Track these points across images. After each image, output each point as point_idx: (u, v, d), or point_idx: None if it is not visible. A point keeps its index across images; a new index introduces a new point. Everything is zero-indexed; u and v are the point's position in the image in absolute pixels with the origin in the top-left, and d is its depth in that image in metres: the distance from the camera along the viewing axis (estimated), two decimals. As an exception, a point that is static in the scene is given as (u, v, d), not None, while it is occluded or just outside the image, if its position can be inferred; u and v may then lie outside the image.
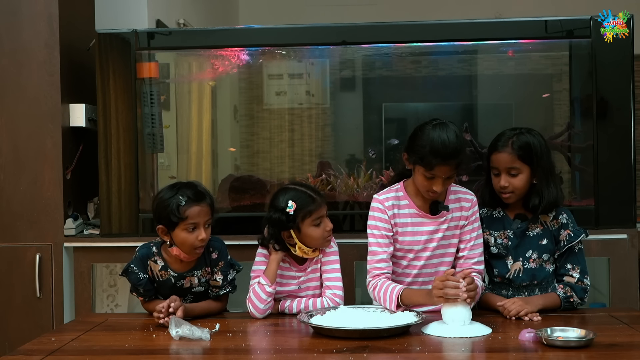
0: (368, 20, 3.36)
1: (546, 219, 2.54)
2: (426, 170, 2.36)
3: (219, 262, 2.51)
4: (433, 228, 2.49)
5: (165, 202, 2.41)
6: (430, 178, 2.38)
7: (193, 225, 2.39)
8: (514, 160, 2.47)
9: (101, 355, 2.04)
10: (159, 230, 2.43)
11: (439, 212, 2.48)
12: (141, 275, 2.46)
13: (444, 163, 2.33)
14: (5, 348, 2.95)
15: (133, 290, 2.51)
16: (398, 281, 2.50)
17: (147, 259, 2.48)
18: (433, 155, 2.32)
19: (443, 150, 2.32)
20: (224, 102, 3.62)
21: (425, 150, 2.34)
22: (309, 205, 2.46)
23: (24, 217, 3.05)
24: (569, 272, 2.51)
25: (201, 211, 2.41)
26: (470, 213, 2.51)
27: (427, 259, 2.50)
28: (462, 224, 2.51)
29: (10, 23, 3.05)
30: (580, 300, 2.49)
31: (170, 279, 2.48)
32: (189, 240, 2.40)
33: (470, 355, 2.03)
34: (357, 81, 3.52)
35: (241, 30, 3.29)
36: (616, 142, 2.91)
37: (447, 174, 2.37)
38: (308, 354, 2.01)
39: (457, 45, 3.12)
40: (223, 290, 2.51)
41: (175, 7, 4.50)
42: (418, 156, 2.38)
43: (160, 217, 2.42)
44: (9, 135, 3.06)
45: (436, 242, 2.50)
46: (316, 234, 2.48)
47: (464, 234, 2.51)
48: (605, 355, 1.95)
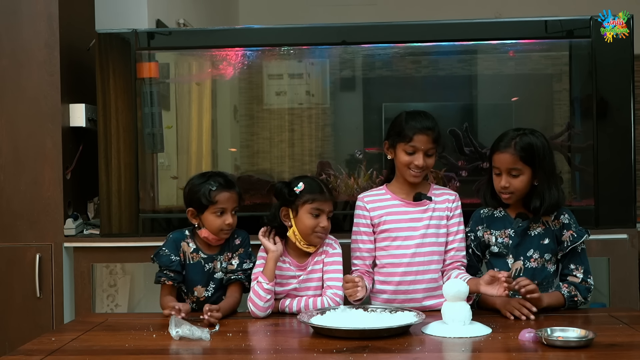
0: (368, 20, 3.36)
1: (548, 218, 2.54)
2: (406, 144, 2.51)
3: (239, 249, 2.63)
4: (416, 216, 2.57)
5: (197, 186, 2.58)
6: (411, 153, 2.51)
7: (221, 210, 2.55)
8: (515, 161, 2.47)
9: (101, 355, 2.05)
10: (189, 212, 2.59)
11: (421, 199, 2.57)
12: (173, 257, 2.57)
13: (422, 132, 2.49)
14: (5, 348, 2.95)
15: (161, 275, 2.57)
16: (391, 273, 2.56)
17: (181, 241, 2.62)
18: (410, 127, 2.50)
19: (419, 121, 2.51)
20: (224, 102, 3.62)
21: (402, 124, 2.53)
22: (314, 194, 2.53)
23: (24, 217, 3.05)
24: (573, 272, 2.53)
25: (230, 197, 2.57)
26: (455, 206, 2.61)
27: (417, 247, 2.54)
28: (446, 215, 2.58)
29: (10, 23, 3.05)
30: (584, 300, 2.50)
31: (201, 261, 2.59)
32: (216, 223, 2.55)
33: (470, 355, 2.03)
34: (357, 81, 3.52)
35: (241, 30, 3.29)
36: (616, 142, 2.91)
37: (426, 145, 2.50)
38: (308, 354, 2.01)
39: (457, 45, 3.12)
40: (235, 275, 2.57)
41: (175, 7, 4.50)
42: (396, 132, 2.54)
43: (192, 200, 2.58)
44: (9, 135, 3.06)
45: (422, 229, 2.55)
46: (309, 224, 2.51)
47: (451, 227, 2.58)
48: (605, 355, 1.95)
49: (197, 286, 2.59)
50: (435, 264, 2.56)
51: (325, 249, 2.59)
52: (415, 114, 2.54)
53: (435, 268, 2.56)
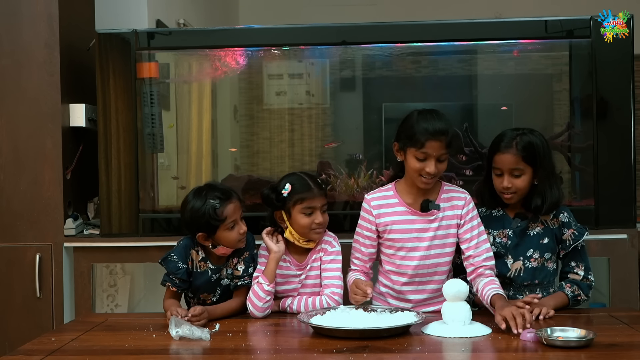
0: (368, 20, 3.35)
1: (546, 217, 2.54)
2: (417, 150, 2.38)
3: (244, 252, 2.58)
4: (423, 226, 2.49)
5: (199, 210, 2.47)
6: (422, 160, 2.39)
7: (233, 223, 2.49)
8: (518, 162, 2.46)
9: (101, 355, 2.05)
10: (199, 237, 2.50)
11: (429, 209, 2.47)
12: (180, 264, 2.53)
13: (434, 138, 2.36)
14: (5, 348, 2.95)
15: (167, 280, 2.54)
16: (395, 280, 2.53)
17: (190, 248, 2.56)
18: (422, 131, 2.37)
19: (432, 124, 2.37)
20: (224, 102, 3.62)
21: (414, 128, 2.39)
22: (303, 192, 2.50)
23: (24, 217, 3.05)
24: (574, 269, 2.53)
25: (235, 207, 2.51)
26: (465, 212, 2.50)
27: (421, 259, 2.49)
28: (455, 223, 2.49)
29: (10, 23, 3.05)
30: (586, 297, 2.51)
31: (208, 271, 2.55)
32: (232, 236, 2.49)
33: (470, 355, 2.03)
34: (357, 81, 3.52)
35: (241, 30, 3.29)
36: (616, 142, 2.91)
37: (438, 151, 2.38)
38: (308, 354, 2.01)
39: (457, 45, 3.12)
40: (241, 280, 2.54)
41: (175, 7, 4.50)
42: (407, 136, 2.41)
43: (200, 225, 2.48)
44: (9, 136, 3.06)
45: (428, 241, 2.49)
46: (303, 222, 2.50)
47: (464, 234, 2.49)
48: (605, 355, 1.95)
49: (204, 293, 2.58)
50: (440, 274, 2.51)
51: (324, 246, 2.58)
52: (428, 116, 2.41)
53: (439, 279, 2.51)
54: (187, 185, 3.27)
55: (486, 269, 2.44)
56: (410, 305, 2.49)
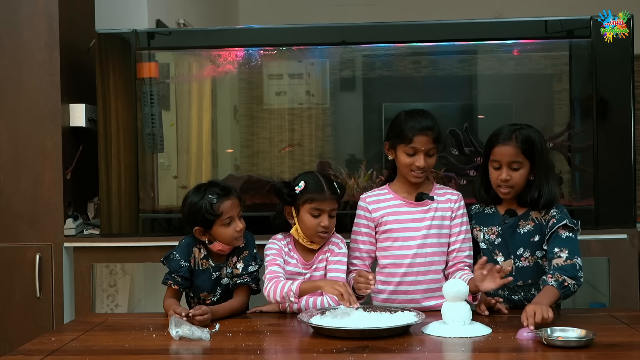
0: (368, 20, 3.35)
1: (537, 215, 2.52)
2: (406, 145, 2.50)
3: (244, 251, 2.60)
4: (418, 216, 2.56)
5: (197, 204, 2.52)
6: (412, 155, 2.50)
7: (229, 220, 2.51)
8: (517, 154, 2.47)
9: (101, 355, 2.05)
10: (196, 232, 2.54)
11: (423, 199, 2.56)
12: (182, 262, 2.55)
13: (421, 133, 2.48)
14: (5, 348, 2.95)
15: (168, 278, 2.55)
16: (391, 273, 2.56)
17: (193, 246, 2.58)
18: (410, 128, 2.49)
19: (418, 121, 2.50)
20: (224, 102, 3.62)
21: (402, 126, 2.52)
22: (314, 193, 2.52)
23: (24, 217, 3.05)
24: (557, 254, 2.41)
25: (233, 204, 2.53)
26: (457, 207, 2.59)
27: (418, 247, 2.54)
28: (449, 215, 2.56)
29: (10, 23, 3.05)
30: (574, 280, 2.35)
31: (209, 269, 2.57)
32: (228, 233, 2.52)
33: (470, 355, 2.03)
34: (357, 81, 3.52)
35: (241, 30, 3.29)
36: (616, 142, 2.91)
37: (426, 146, 2.49)
38: (308, 354, 2.01)
39: (457, 45, 3.12)
40: (241, 279, 2.54)
41: (175, 7, 4.50)
42: (396, 133, 2.53)
43: (196, 219, 2.53)
44: (9, 135, 3.06)
45: (424, 230, 2.54)
46: (309, 223, 2.52)
47: (454, 227, 2.57)
48: (605, 355, 1.95)
49: (204, 292, 2.58)
50: (437, 264, 2.56)
51: (331, 247, 2.59)
52: (414, 114, 2.53)
53: (436, 269, 2.56)
54: (188, 184, 3.27)
55: (465, 265, 2.55)
56: (409, 297, 2.52)
